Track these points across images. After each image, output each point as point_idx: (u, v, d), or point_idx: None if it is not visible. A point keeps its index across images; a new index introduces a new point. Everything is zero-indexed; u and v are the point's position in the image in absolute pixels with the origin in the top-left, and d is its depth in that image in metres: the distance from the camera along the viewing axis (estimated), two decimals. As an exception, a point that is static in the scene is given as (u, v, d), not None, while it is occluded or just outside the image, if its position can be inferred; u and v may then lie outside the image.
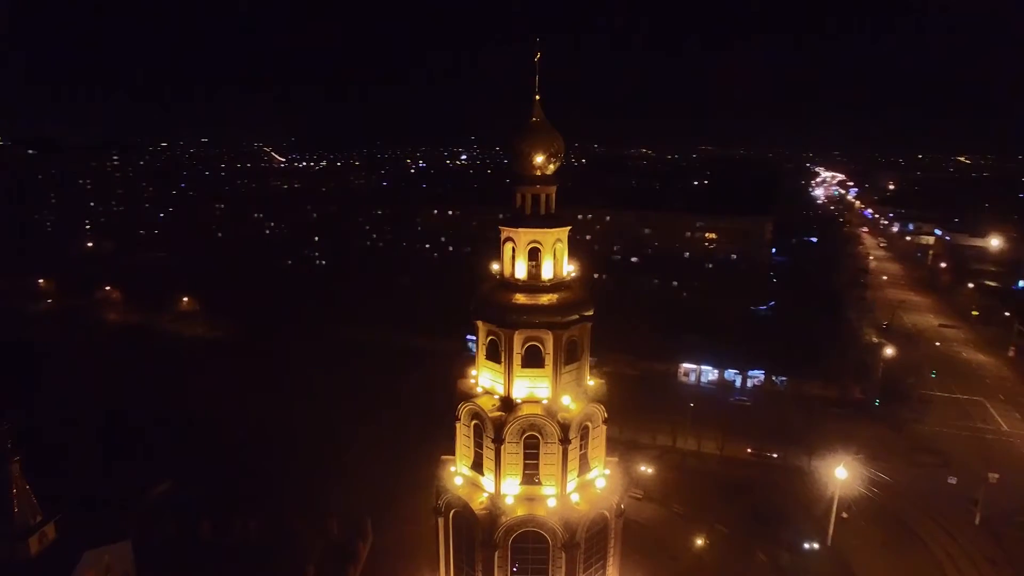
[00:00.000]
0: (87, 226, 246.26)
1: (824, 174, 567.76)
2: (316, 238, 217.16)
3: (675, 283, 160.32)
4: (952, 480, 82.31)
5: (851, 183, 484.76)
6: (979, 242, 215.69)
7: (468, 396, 37.05)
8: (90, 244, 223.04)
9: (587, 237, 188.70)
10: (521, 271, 36.16)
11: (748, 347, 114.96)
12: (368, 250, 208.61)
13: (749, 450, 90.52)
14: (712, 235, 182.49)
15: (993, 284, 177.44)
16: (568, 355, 35.98)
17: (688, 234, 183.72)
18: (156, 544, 60.67)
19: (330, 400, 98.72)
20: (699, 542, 69.04)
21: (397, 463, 71.68)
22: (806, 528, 71.26)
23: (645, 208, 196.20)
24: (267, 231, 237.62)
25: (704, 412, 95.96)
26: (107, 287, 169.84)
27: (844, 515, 73.72)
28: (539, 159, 35.68)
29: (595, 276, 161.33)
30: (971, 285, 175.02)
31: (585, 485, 37.14)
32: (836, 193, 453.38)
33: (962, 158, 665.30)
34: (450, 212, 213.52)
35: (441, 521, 38.25)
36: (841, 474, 70.28)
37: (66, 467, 69.82)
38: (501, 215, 37.02)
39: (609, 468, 38.93)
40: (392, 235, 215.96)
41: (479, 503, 36.12)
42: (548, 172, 36.15)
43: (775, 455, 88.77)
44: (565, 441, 35.02)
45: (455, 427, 37.73)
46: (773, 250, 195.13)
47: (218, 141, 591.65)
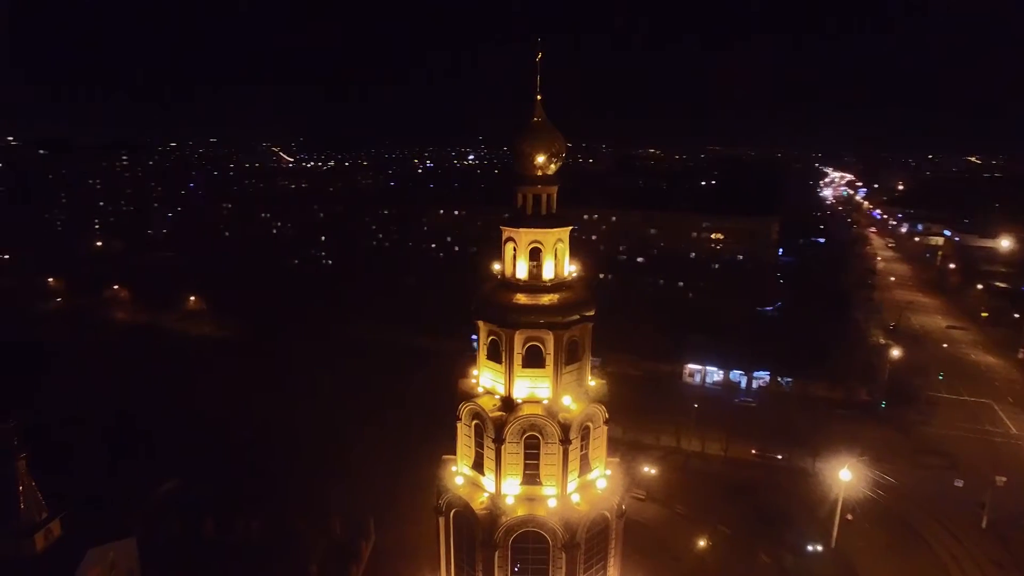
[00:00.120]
0: (96, 226, 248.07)
1: (832, 174, 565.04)
2: (323, 238, 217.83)
3: (681, 283, 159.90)
4: (959, 483, 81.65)
5: (859, 183, 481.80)
6: (989, 243, 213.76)
7: (469, 396, 37.02)
8: (99, 243, 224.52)
9: (593, 237, 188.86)
10: (522, 271, 36.04)
11: (754, 348, 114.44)
12: (374, 250, 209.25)
13: (754, 451, 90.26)
14: (718, 235, 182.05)
15: (1003, 285, 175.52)
16: (569, 355, 35.85)
17: (694, 234, 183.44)
18: (161, 542, 61.32)
19: (334, 400, 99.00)
20: (701, 543, 68.89)
21: (400, 463, 71.82)
22: (810, 530, 70.87)
23: (651, 208, 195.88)
24: (274, 231, 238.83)
25: (709, 413, 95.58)
26: (115, 286, 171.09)
27: (849, 517, 73.25)
28: (540, 159, 35.58)
29: (601, 276, 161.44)
30: (980, 286, 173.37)
31: (586, 485, 37.00)
32: (844, 193, 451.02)
33: (973, 158, 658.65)
34: (456, 212, 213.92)
35: (442, 521, 38.24)
36: (845, 476, 69.86)
37: (72, 465, 70.35)
38: (506, 215, 36.88)
39: (610, 469, 38.76)
40: (399, 235, 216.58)
41: (480, 503, 36.08)
42: (549, 172, 36.02)
43: (780, 456, 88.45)
44: (565, 441, 34.91)
45: (456, 427, 37.78)
46: (780, 250, 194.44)
47: (227, 141, 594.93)
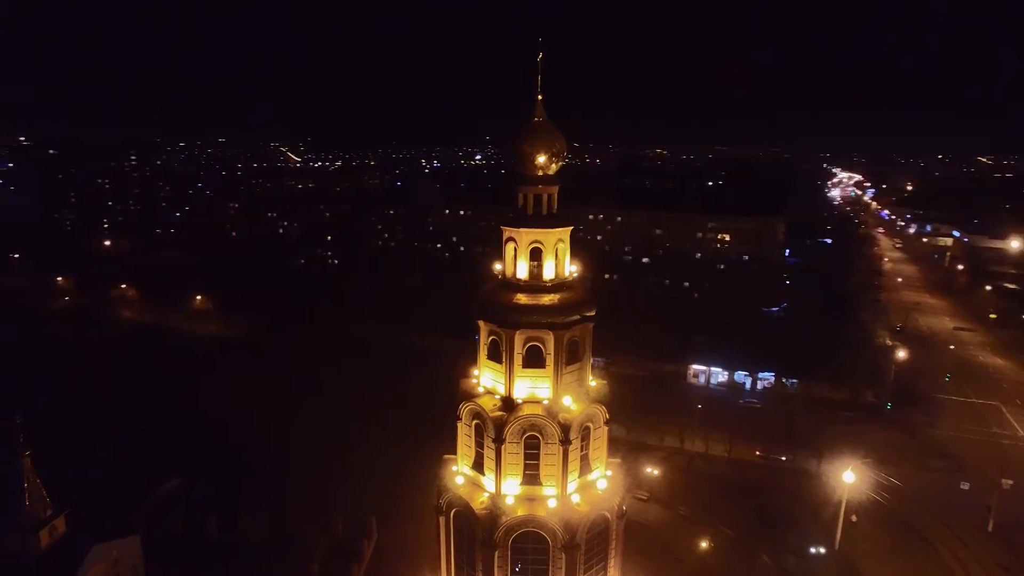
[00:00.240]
0: (105, 225, 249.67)
1: (841, 175, 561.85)
2: (329, 237, 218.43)
3: (686, 284, 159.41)
4: (965, 486, 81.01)
5: (868, 183, 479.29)
6: (998, 244, 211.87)
7: (469, 396, 37.08)
8: (107, 243, 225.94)
9: (598, 237, 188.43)
10: (523, 271, 36.05)
11: (759, 349, 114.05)
12: (380, 250, 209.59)
13: (758, 452, 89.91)
14: (724, 236, 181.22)
15: (1012, 287, 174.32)
16: (569, 355, 35.82)
17: (700, 235, 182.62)
18: (164, 540, 61.62)
19: (338, 399, 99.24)
20: (704, 545, 68.70)
21: (403, 462, 71.88)
22: (813, 532, 70.52)
23: (657, 208, 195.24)
24: (281, 230, 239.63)
25: (713, 414, 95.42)
26: (123, 285, 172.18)
27: (853, 518, 72.88)
28: (541, 159, 35.58)
29: (606, 276, 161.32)
30: (989, 287, 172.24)
31: (586, 486, 36.96)
32: (852, 194, 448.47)
33: (984, 158, 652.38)
34: (462, 212, 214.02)
35: (442, 520, 38.29)
36: (849, 478, 69.46)
37: (78, 463, 70.76)
38: (511, 215, 36.83)
39: (611, 469, 38.68)
40: (404, 235, 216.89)
41: (480, 503, 36.10)
42: (550, 172, 36.03)
43: (784, 458, 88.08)
44: (565, 442, 34.89)
45: (456, 427, 37.79)
46: (787, 251, 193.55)
47: (235, 141, 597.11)
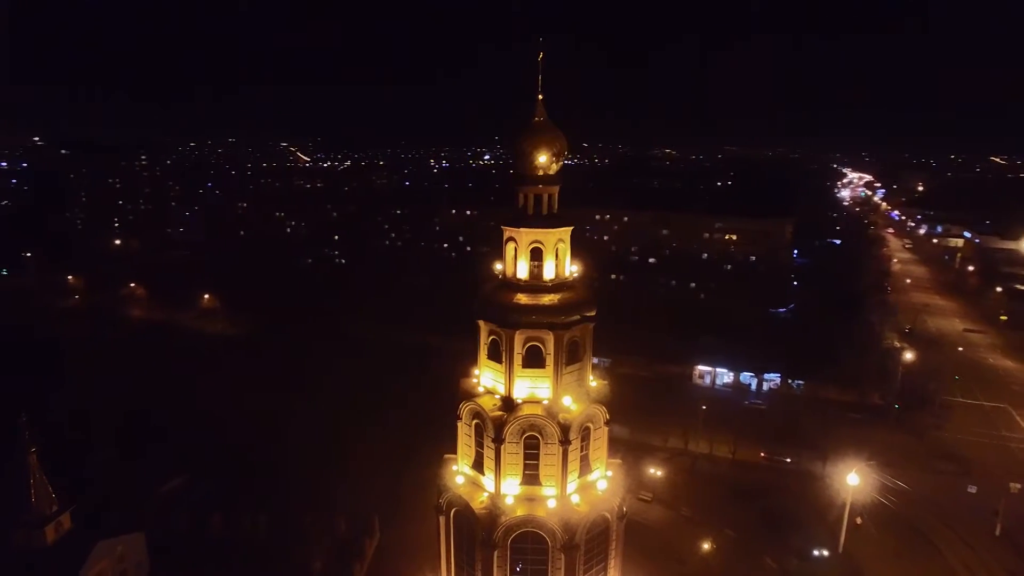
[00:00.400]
0: (115, 224, 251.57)
1: (851, 175, 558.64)
2: (336, 237, 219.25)
3: (692, 284, 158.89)
4: (972, 489, 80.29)
5: (878, 184, 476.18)
6: (1010, 245, 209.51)
7: (470, 395, 37.12)
8: (117, 242, 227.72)
9: (605, 237, 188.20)
10: (523, 271, 36.04)
11: (765, 350, 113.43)
12: (387, 249, 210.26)
13: (762, 454, 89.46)
14: (731, 236, 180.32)
15: (1023, 288, 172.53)
16: (570, 356, 35.78)
17: (707, 235, 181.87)
18: (169, 537, 62.07)
19: (343, 398, 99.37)
20: (706, 546, 68.41)
21: (406, 462, 71.90)
22: (817, 534, 70.16)
23: (664, 209, 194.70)
24: (288, 230, 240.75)
25: (718, 415, 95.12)
26: (132, 284, 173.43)
27: (858, 521, 72.47)
28: (542, 159, 35.53)
29: (612, 277, 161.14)
30: (1000, 289, 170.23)
31: (586, 486, 36.90)
32: (863, 194, 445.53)
33: (997, 158, 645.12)
34: (468, 212, 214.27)
35: (442, 520, 38.32)
36: (854, 480, 68.98)
37: (85, 460, 71.49)
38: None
39: (611, 470, 38.60)
40: (411, 234, 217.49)
41: (479, 502, 36.11)
42: (551, 172, 35.96)
43: (789, 459, 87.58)
44: (565, 442, 34.86)
45: (456, 426, 37.86)
46: (795, 252, 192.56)
47: (245, 141, 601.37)
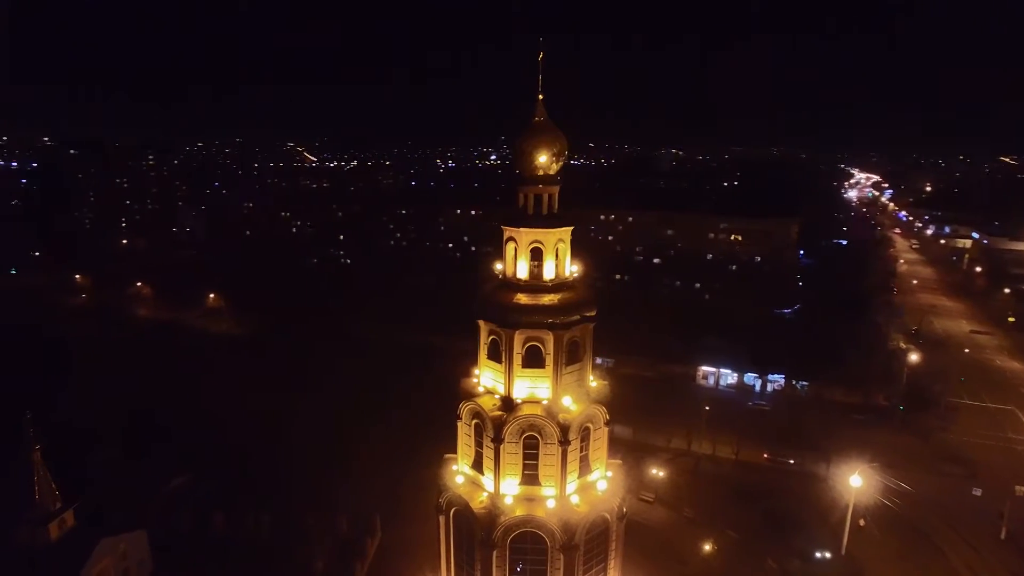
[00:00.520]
0: (123, 224, 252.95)
1: (858, 175, 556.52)
2: (341, 237, 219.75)
3: (697, 285, 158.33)
4: (977, 491, 79.74)
5: (886, 184, 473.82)
6: (1019, 245, 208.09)
7: (469, 395, 37.07)
8: (125, 241, 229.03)
9: (609, 237, 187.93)
10: (523, 271, 35.97)
11: (769, 350, 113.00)
12: (392, 249, 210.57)
13: (765, 455, 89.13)
14: (737, 237, 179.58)
15: None
16: (569, 356, 35.70)
17: (711, 235, 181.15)
18: (171, 535, 62.44)
19: (346, 398, 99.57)
20: (708, 547, 68.21)
21: (408, 461, 72.07)
22: (820, 536, 69.84)
23: (669, 209, 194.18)
24: (294, 229, 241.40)
25: (721, 416, 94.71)
26: (139, 283, 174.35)
27: (861, 522, 72.13)
28: (542, 159, 35.48)
29: (617, 277, 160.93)
30: (1008, 290, 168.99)
31: (586, 487, 36.82)
32: (870, 195, 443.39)
33: (1007, 158, 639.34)
34: (473, 212, 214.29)
35: (442, 519, 38.31)
36: (856, 481, 68.60)
37: (89, 458, 71.91)
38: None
39: (611, 470, 38.46)
40: (416, 235, 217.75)
41: (479, 502, 36.09)
42: (551, 172, 35.89)
43: (792, 461, 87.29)
44: (564, 442, 34.78)
45: (456, 426, 37.89)
46: (801, 252, 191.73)
47: (253, 141, 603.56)
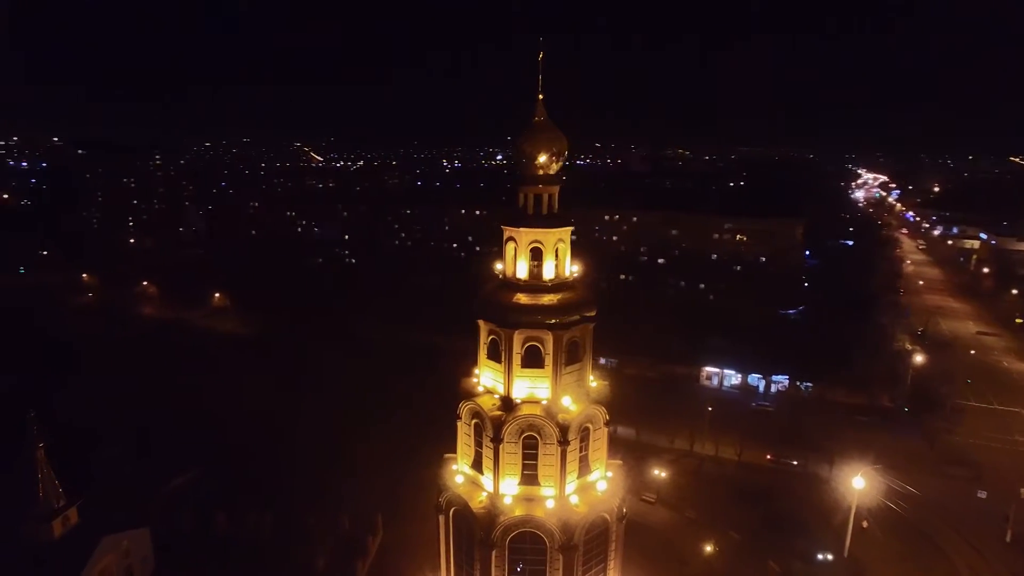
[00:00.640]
0: (130, 223, 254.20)
1: (866, 176, 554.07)
2: (347, 237, 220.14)
3: (701, 285, 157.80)
4: (982, 494, 79.17)
5: (893, 185, 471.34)
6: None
7: (469, 395, 37.09)
8: (132, 240, 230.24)
9: (614, 238, 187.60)
10: (523, 271, 35.99)
11: (773, 351, 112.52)
12: (397, 249, 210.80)
13: (768, 456, 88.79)
14: (742, 237, 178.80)
15: None
16: (569, 356, 35.68)
17: (716, 235, 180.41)
18: (174, 532, 62.80)
19: (349, 398, 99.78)
20: (709, 548, 67.97)
21: (410, 461, 72.21)
22: (822, 538, 69.52)
23: (673, 209, 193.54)
24: (299, 229, 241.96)
25: (724, 417, 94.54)
26: (145, 282, 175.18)
27: (864, 524, 71.77)
28: (542, 159, 35.52)
29: (621, 277, 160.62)
30: (1016, 291, 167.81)
31: (585, 487, 36.80)
32: (877, 195, 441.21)
33: (1016, 158, 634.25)
34: (478, 212, 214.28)
35: (442, 519, 38.37)
36: (859, 483, 68.18)
37: (94, 456, 72.30)
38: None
39: (611, 471, 38.42)
40: (421, 234, 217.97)
41: (478, 502, 36.12)
42: (551, 172, 35.94)
43: (795, 462, 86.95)
44: (564, 442, 34.78)
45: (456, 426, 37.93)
46: (806, 252, 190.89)
47: (260, 141, 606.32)
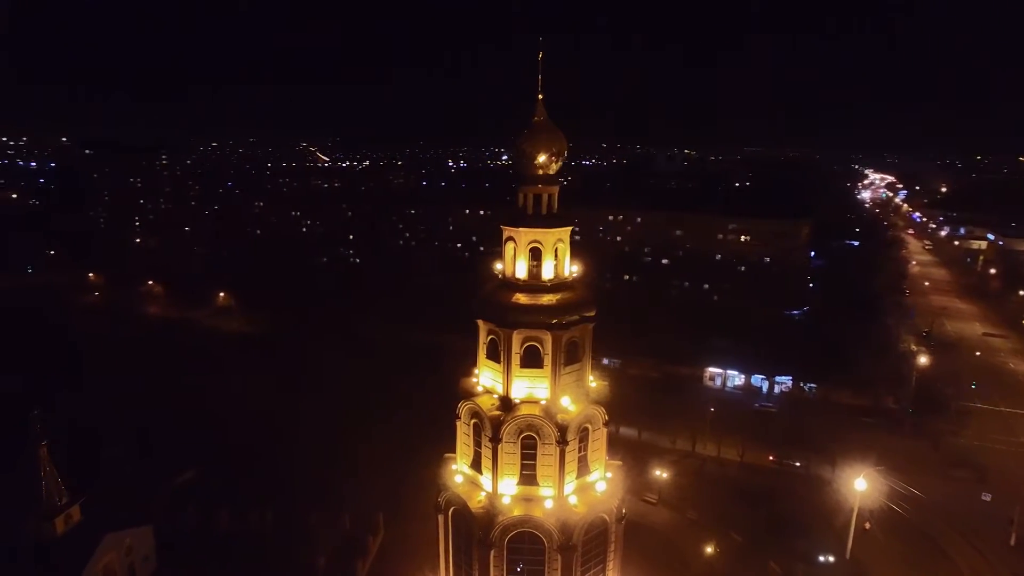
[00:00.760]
0: (136, 223, 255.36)
1: (873, 176, 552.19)
2: (351, 236, 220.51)
3: (706, 285, 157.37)
4: (987, 497, 78.54)
5: (900, 185, 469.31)
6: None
7: (468, 395, 37.10)
8: (138, 240, 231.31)
9: (618, 238, 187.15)
10: (522, 271, 35.99)
11: (777, 352, 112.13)
12: (401, 249, 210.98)
13: (771, 457, 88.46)
14: (746, 237, 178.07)
15: None
16: (568, 356, 35.63)
17: (721, 236, 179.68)
18: (177, 531, 63.07)
19: (353, 397, 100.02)
20: (710, 550, 67.69)
21: (412, 460, 72.30)
22: (824, 540, 69.17)
23: (678, 209, 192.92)
24: (304, 229, 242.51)
25: (727, 417, 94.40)
26: (150, 282, 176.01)
27: (867, 526, 71.46)
28: (542, 159, 35.54)
29: (625, 277, 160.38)
30: (1023, 292, 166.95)
31: (584, 488, 36.77)
32: (884, 196, 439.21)
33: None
34: (482, 212, 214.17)
35: (441, 518, 38.42)
36: (861, 485, 67.88)
37: (97, 454, 72.76)
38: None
39: (611, 471, 38.39)
40: (426, 234, 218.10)
41: (477, 502, 36.16)
42: (551, 172, 35.95)
43: (798, 464, 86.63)
44: (562, 442, 34.76)
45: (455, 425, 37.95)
46: (812, 253, 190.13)
47: (266, 140, 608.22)
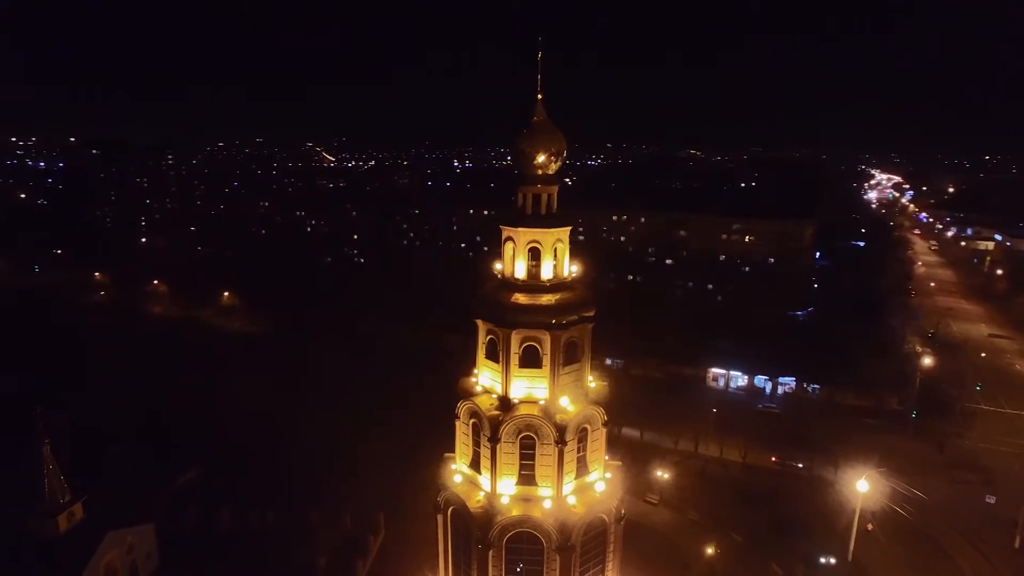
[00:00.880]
0: (142, 222, 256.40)
1: (879, 176, 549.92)
2: (356, 236, 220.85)
3: (709, 286, 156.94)
4: (991, 499, 78.00)
5: (906, 185, 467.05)
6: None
7: (468, 395, 37.10)
8: (143, 239, 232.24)
9: (622, 238, 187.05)
10: (521, 271, 36.03)
11: (781, 353, 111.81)
12: (405, 249, 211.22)
13: (774, 459, 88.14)
14: (751, 237, 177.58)
15: None
16: (567, 356, 35.62)
17: (725, 236, 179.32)
18: (178, 529, 63.34)
19: (354, 397, 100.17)
20: (711, 551, 67.39)
21: (413, 460, 72.41)
22: (826, 541, 68.90)
23: (682, 210, 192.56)
24: (309, 229, 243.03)
25: (730, 418, 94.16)
26: (155, 281, 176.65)
27: (869, 527, 71.16)
28: (541, 159, 35.54)
29: (629, 278, 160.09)
30: None
31: (583, 488, 36.74)
32: (890, 196, 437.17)
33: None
34: (486, 212, 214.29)
35: (440, 518, 38.47)
36: (863, 486, 67.53)
37: (100, 452, 73.12)
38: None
39: (610, 472, 38.36)
40: (430, 234, 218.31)
41: (476, 502, 36.18)
42: (550, 172, 35.96)
43: (800, 465, 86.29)
44: (561, 443, 34.74)
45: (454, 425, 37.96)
46: (817, 254, 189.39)
47: (272, 141, 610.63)
